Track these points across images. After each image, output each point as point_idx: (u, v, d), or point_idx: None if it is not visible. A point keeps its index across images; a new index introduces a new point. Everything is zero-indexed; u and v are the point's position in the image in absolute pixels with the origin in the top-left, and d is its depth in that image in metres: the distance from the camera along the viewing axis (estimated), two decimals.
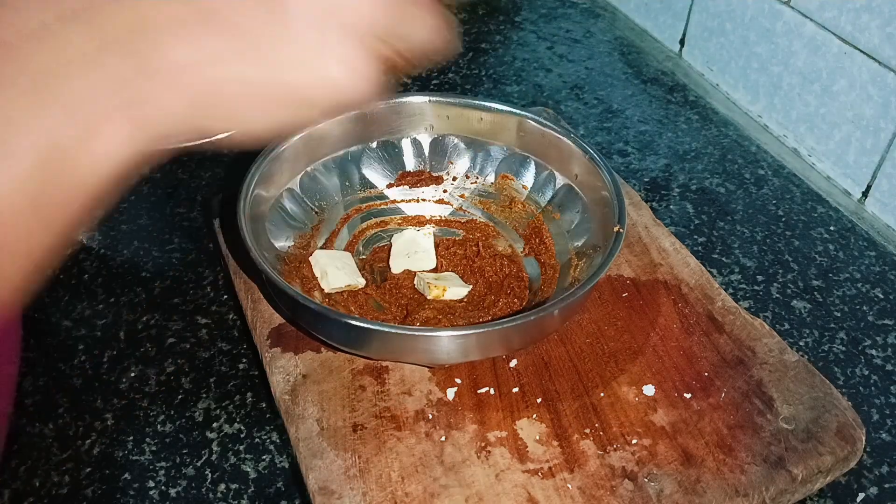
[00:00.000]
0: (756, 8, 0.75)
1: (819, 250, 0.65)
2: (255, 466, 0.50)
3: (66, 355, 0.57)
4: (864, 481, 0.49)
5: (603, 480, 0.45)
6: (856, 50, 0.66)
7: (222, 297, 0.61)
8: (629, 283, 0.57)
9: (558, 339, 0.54)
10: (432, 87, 0.85)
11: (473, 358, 0.51)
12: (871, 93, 0.66)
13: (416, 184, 0.64)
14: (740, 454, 0.46)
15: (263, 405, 0.53)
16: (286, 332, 0.54)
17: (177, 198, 0.71)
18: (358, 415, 0.49)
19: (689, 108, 0.81)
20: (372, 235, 0.63)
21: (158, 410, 0.53)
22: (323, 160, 0.60)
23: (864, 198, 0.70)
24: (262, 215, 0.55)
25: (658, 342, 0.53)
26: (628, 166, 0.74)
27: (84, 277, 0.63)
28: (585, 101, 0.83)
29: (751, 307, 0.60)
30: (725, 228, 0.67)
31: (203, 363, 0.56)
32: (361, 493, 0.45)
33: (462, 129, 0.62)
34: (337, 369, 0.52)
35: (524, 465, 0.46)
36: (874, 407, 0.53)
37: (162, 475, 0.49)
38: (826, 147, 0.72)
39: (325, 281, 0.55)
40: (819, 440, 0.47)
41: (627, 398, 0.50)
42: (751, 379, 0.51)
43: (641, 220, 0.63)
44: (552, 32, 0.94)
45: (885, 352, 0.57)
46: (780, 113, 0.76)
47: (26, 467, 0.50)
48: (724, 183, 0.72)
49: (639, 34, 0.94)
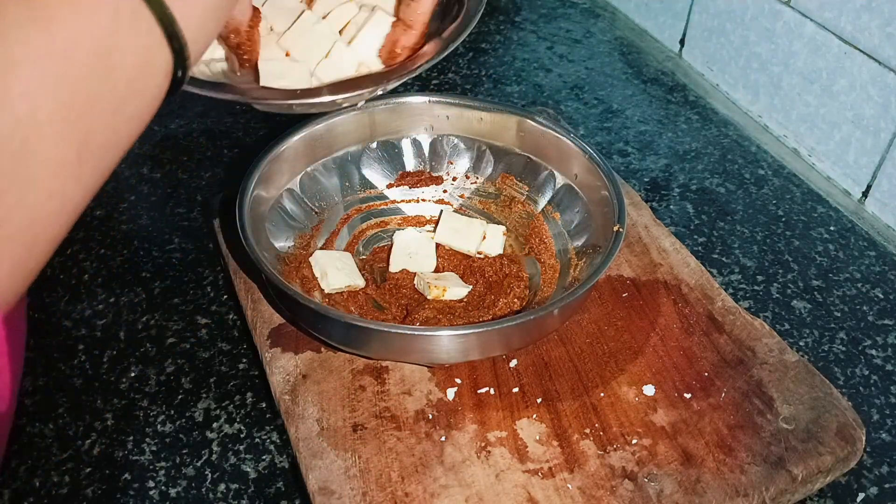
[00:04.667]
0: (756, 8, 0.75)
1: (819, 250, 0.65)
2: (255, 466, 0.50)
3: (66, 355, 0.57)
4: (864, 481, 0.49)
5: (603, 480, 0.45)
6: (856, 50, 0.66)
7: (222, 297, 0.61)
8: (629, 283, 0.57)
9: (558, 339, 0.54)
10: (432, 87, 0.85)
11: (473, 358, 0.51)
12: (871, 93, 0.66)
13: (416, 184, 0.64)
14: (740, 454, 0.46)
15: (263, 405, 0.53)
16: (286, 332, 0.54)
17: (177, 198, 0.71)
18: (358, 415, 0.49)
19: (689, 108, 0.81)
20: (372, 235, 0.63)
21: (158, 410, 0.53)
22: (323, 160, 0.61)
23: (864, 198, 0.70)
24: (262, 215, 0.55)
25: (658, 342, 0.53)
26: (628, 166, 0.74)
27: (84, 277, 0.63)
28: (585, 101, 0.83)
29: (751, 307, 0.60)
30: (725, 228, 0.67)
31: (203, 363, 0.56)
32: (361, 493, 0.45)
33: (462, 129, 0.63)
34: (337, 369, 0.52)
35: (524, 465, 0.46)
36: (874, 407, 0.53)
37: (162, 475, 0.49)
38: (826, 147, 0.72)
39: (325, 281, 0.55)
40: (819, 440, 0.47)
41: (627, 398, 0.50)
42: (751, 379, 0.51)
43: (641, 220, 0.63)
44: (552, 32, 0.94)
45: (885, 352, 0.57)
46: (780, 113, 0.76)
47: (26, 467, 0.50)
48: (724, 183, 0.72)
49: (639, 34, 0.94)
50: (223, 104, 0.81)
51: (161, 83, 0.30)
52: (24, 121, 0.24)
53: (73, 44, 0.26)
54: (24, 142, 0.24)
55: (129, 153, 0.73)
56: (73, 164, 0.26)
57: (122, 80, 0.28)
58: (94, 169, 0.28)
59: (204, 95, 0.47)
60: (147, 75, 0.29)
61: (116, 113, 0.28)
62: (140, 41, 0.28)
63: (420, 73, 0.53)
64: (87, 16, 0.26)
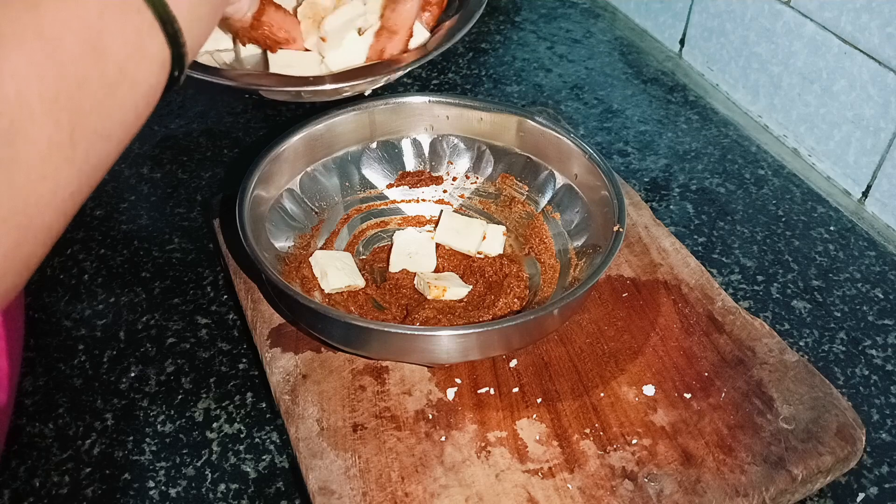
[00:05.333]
0: (756, 8, 0.75)
1: (819, 250, 0.65)
2: (255, 466, 0.50)
3: (66, 355, 0.57)
4: (864, 481, 0.49)
5: (603, 480, 0.45)
6: (856, 50, 0.66)
7: (222, 297, 0.61)
8: (629, 283, 0.57)
9: (558, 339, 0.54)
10: (432, 87, 0.85)
11: (473, 358, 0.51)
12: (871, 93, 0.66)
13: (416, 184, 0.64)
14: (740, 454, 0.46)
15: (263, 405, 0.53)
16: (286, 332, 0.54)
17: (177, 198, 0.71)
18: (358, 415, 0.49)
19: (689, 108, 0.81)
20: (372, 235, 0.63)
21: (158, 410, 0.53)
22: (323, 160, 0.61)
23: (864, 198, 0.70)
24: (262, 215, 0.55)
25: (658, 342, 0.53)
26: (628, 166, 0.74)
27: (84, 277, 0.63)
28: (585, 101, 0.83)
29: (751, 307, 0.60)
30: (725, 228, 0.67)
31: (203, 363, 0.56)
32: (361, 493, 0.45)
33: (462, 129, 0.63)
34: (337, 369, 0.52)
35: (524, 465, 0.46)
36: (874, 407, 0.53)
37: (162, 475, 0.49)
38: (826, 147, 0.72)
39: (325, 281, 0.55)
40: (819, 440, 0.47)
41: (627, 398, 0.50)
42: (751, 379, 0.51)
43: (641, 220, 0.63)
44: (552, 32, 0.94)
45: (885, 352, 0.57)
46: (780, 113, 0.76)
47: (26, 467, 0.50)
48: (724, 183, 0.72)
49: (639, 34, 0.94)
50: (223, 103, 0.81)
51: (157, 71, 0.30)
52: (12, 101, 0.25)
53: (61, 24, 0.26)
54: (13, 122, 0.25)
55: (129, 153, 0.73)
56: (65, 146, 0.26)
57: (113, 62, 0.28)
58: (88, 154, 0.28)
59: (207, 88, 0.47)
60: (140, 59, 0.29)
61: (108, 97, 0.28)
62: (130, 24, 0.28)
63: (429, 60, 0.53)
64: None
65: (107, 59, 0.27)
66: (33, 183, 0.26)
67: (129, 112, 0.29)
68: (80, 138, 0.27)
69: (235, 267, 0.59)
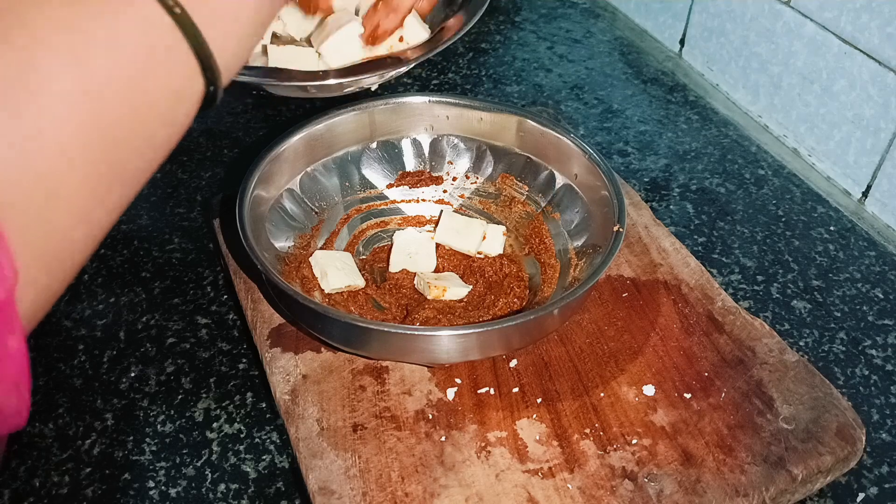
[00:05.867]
0: (756, 8, 0.75)
1: (819, 250, 0.65)
2: (255, 466, 0.50)
3: (66, 355, 0.57)
4: (864, 481, 0.49)
5: (603, 480, 0.45)
6: (856, 50, 0.66)
7: (222, 297, 0.61)
8: (629, 283, 0.57)
9: (558, 339, 0.54)
10: (432, 87, 0.85)
11: (473, 358, 0.51)
12: (871, 93, 0.66)
13: (416, 184, 0.64)
14: (740, 454, 0.46)
15: (263, 405, 0.53)
16: (286, 332, 0.54)
17: (177, 198, 0.71)
18: (358, 415, 0.49)
19: (689, 108, 0.81)
20: (372, 236, 0.63)
21: (158, 410, 0.53)
22: (323, 160, 0.61)
23: (864, 198, 0.70)
24: (262, 215, 0.55)
25: (658, 342, 0.53)
26: (628, 166, 0.74)
27: (84, 277, 0.63)
28: (585, 101, 0.83)
29: (751, 307, 0.60)
30: (725, 228, 0.67)
31: (203, 363, 0.56)
32: (361, 493, 0.45)
33: (462, 129, 0.63)
34: (337, 369, 0.52)
35: (524, 465, 0.46)
36: (874, 407, 0.53)
37: (162, 475, 0.49)
38: (826, 147, 0.72)
39: (325, 281, 0.55)
40: (819, 440, 0.47)
41: (627, 398, 0.50)
42: (751, 379, 0.51)
43: (641, 220, 0.63)
44: (552, 32, 0.94)
45: (885, 352, 0.57)
46: (780, 113, 0.76)
47: (26, 467, 0.50)
48: (724, 183, 0.72)
49: (639, 34, 0.94)
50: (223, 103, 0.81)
51: (191, 110, 0.30)
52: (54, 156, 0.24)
53: (106, 82, 0.26)
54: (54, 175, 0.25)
55: None
56: (100, 193, 0.27)
57: (155, 114, 0.28)
58: (121, 197, 0.28)
59: None
60: (179, 105, 0.29)
61: (147, 143, 0.28)
62: (174, 76, 0.28)
63: (431, 56, 0.54)
64: (122, 53, 0.26)
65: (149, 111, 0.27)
66: (69, 230, 0.26)
67: (163, 150, 0.29)
68: (116, 184, 0.27)
69: (235, 267, 0.59)
